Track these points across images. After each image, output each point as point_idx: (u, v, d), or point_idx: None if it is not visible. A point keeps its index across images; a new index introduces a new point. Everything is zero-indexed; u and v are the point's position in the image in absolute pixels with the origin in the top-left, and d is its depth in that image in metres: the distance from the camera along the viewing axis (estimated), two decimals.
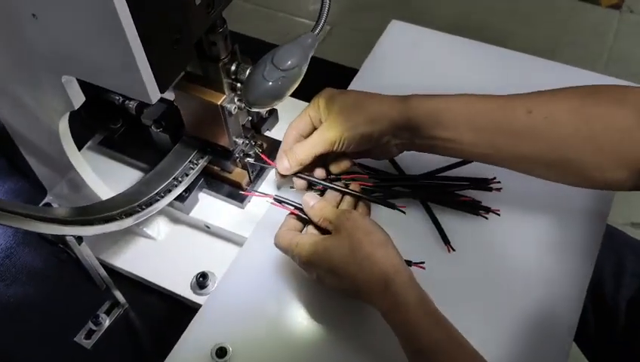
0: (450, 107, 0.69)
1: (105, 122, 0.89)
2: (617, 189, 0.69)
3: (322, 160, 0.75)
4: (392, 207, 0.74)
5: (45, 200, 0.86)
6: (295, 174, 0.75)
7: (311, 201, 0.71)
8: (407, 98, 0.71)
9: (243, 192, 0.81)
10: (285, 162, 0.73)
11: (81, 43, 0.55)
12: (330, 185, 0.75)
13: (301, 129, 0.74)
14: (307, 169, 0.75)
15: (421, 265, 0.71)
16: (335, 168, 0.75)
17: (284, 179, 0.76)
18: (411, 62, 0.98)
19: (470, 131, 0.68)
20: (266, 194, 0.75)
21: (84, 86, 0.64)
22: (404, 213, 0.74)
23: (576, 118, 0.65)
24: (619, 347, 0.89)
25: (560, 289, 0.74)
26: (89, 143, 0.92)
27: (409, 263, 0.70)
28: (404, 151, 0.75)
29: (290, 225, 0.72)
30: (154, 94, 0.57)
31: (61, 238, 0.66)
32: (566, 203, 0.81)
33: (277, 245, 0.71)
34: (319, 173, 0.75)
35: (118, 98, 0.85)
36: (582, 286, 0.74)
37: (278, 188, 0.82)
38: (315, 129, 0.73)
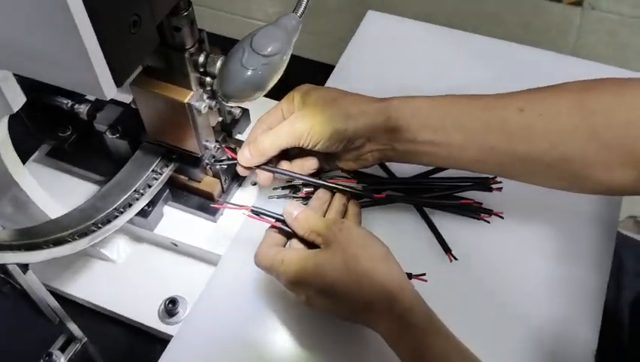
0: (435, 107, 0.63)
1: (52, 130, 0.78)
2: (624, 193, 0.63)
3: (287, 157, 0.68)
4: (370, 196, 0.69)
5: None
6: (260, 166, 0.66)
7: (294, 211, 0.62)
8: (389, 98, 0.64)
9: (214, 205, 0.71)
10: (246, 152, 0.65)
11: (13, 26, 0.44)
12: (301, 176, 0.67)
13: (270, 122, 0.66)
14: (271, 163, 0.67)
15: (422, 277, 0.63)
16: (299, 168, 0.67)
17: (248, 172, 0.67)
18: (391, 54, 0.91)
19: (459, 133, 0.61)
20: (241, 206, 0.65)
21: (26, 88, 0.55)
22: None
23: (575, 114, 0.59)
24: (626, 358, 0.82)
25: (575, 300, 0.67)
26: (35, 155, 0.82)
27: (409, 276, 0.62)
28: None
29: (272, 240, 0.63)
30: (109, 89, 0.47)
31: (1, 267, 0.55)
32: (573, 200, 0.73)
33: (258, 264, 0.62)
34: (286, 166, 0.68)
35: (66, 102, 0.75)
36: (599, 297, 0.67)
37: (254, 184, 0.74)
38: None
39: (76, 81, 0.47)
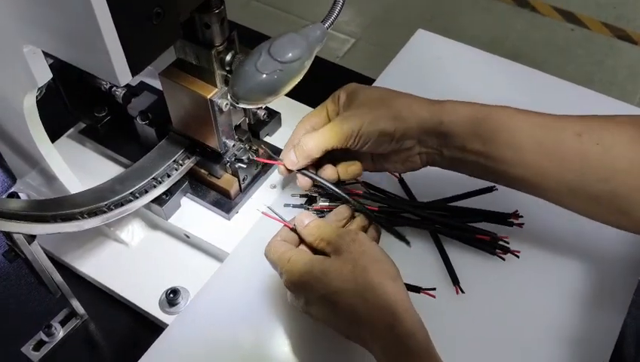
0: (490, 117, 0.61)
1: (89, 109, 0.80)
2: None
3: (332, 161, 0.66)
4: (401, 237, 0.65)
5: (12, 190, 0.77)
6: (301, 171, 0.65)
7: (305, 220, 0.61)
8: (441, 101, 0.63)
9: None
10: (292, 155, 0.64)
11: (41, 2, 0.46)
12: (336, 189, 0.65)
13: (314, 123, 0.65)
14: (316, 167, 0.66)
15: (430, 292, 0.63)
16: (343, 172, 0.66)
17: (290, 175, 0.66)
18: (433, 74, 0.90)
19: (510, 148, 0.60)
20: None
21: (70, 67, 0.55)
22: (408, 243, 0.65)
23: (633, 149, 0.57)
24: None
25: (582, 350, 0.64)
26: (70, 131, 0.84)
27: (417, 289, 0.63)
28: (420, 173, 0.66)
29: (287, 235, 0.62)
30: (123, 75, 0.48)
31: (7, 235, 0.57)
32: (596, 247, 0.71)
33: (267, 256, 0.61)
34: (329, 172, 0.65)
35: (105, 83, 0.77)
36: (608, 348, 0.64)
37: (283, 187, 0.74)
38: None
39: (94, 64, 0.48)
